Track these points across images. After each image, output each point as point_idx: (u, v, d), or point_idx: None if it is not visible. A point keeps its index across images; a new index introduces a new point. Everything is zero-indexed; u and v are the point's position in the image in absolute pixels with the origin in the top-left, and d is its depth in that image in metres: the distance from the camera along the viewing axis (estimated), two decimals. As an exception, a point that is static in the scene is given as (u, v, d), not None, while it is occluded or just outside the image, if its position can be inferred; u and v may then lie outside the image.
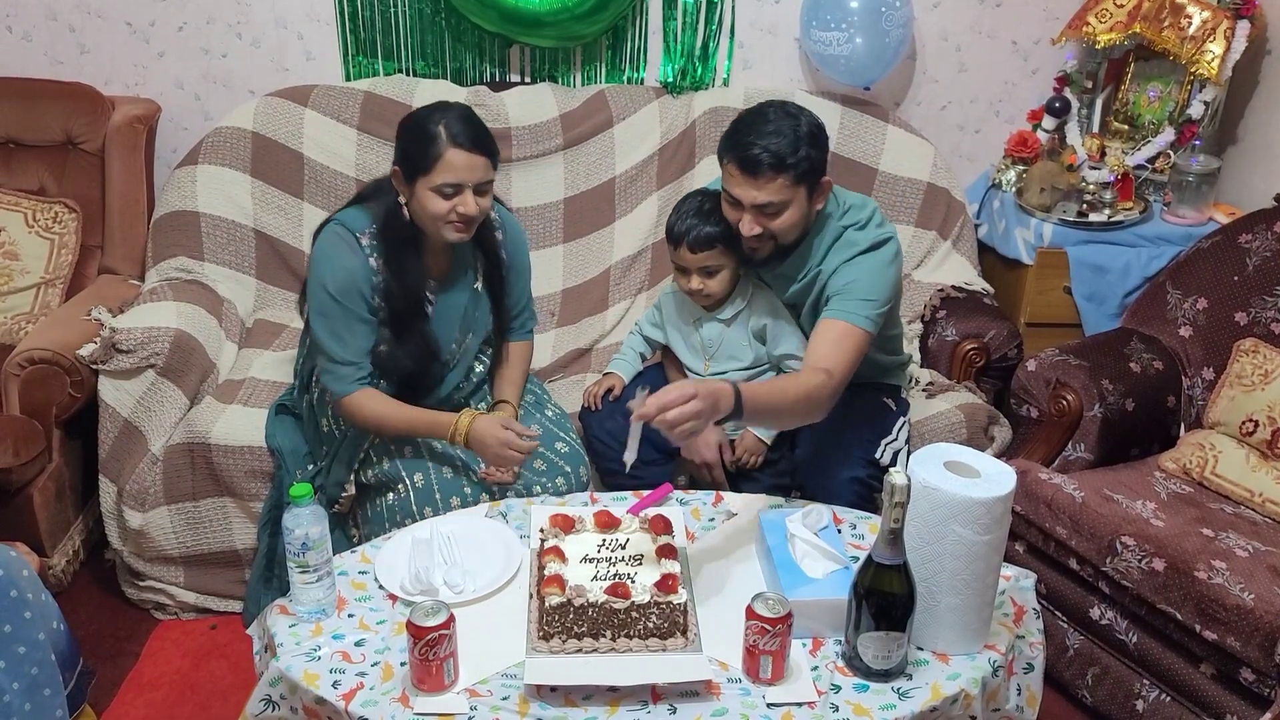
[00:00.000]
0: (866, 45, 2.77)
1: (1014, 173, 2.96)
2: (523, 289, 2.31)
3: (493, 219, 2.19)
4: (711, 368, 2.24)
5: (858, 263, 2.05)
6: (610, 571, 1.71)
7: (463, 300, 2.18)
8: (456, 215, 1.99)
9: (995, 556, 1.61)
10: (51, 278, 2.69)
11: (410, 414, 2.12)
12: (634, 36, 2.95)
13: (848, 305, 2.01)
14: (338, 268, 2.04)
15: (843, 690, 1.59)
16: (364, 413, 2.09)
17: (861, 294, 2.02)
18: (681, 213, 2.16)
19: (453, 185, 1.97)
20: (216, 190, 2.74)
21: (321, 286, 2.04)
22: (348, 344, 2.07)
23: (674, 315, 2.31)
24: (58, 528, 2.47)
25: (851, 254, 2.06)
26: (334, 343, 2.06)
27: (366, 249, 2.05)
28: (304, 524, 1.64)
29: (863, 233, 2.08)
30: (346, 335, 2.06)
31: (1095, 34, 2.82)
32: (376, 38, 2.91)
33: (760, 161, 1.94)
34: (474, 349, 2.24)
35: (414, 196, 2.01)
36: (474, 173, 1.98)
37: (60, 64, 2.94)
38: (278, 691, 1.62)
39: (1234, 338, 2.38)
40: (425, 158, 1.96)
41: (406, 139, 2.01)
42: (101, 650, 2.33)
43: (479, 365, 2.28)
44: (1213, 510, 2.16)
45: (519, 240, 2.28)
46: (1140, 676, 2.10)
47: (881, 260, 2.06)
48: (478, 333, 2.24)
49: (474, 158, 1.97)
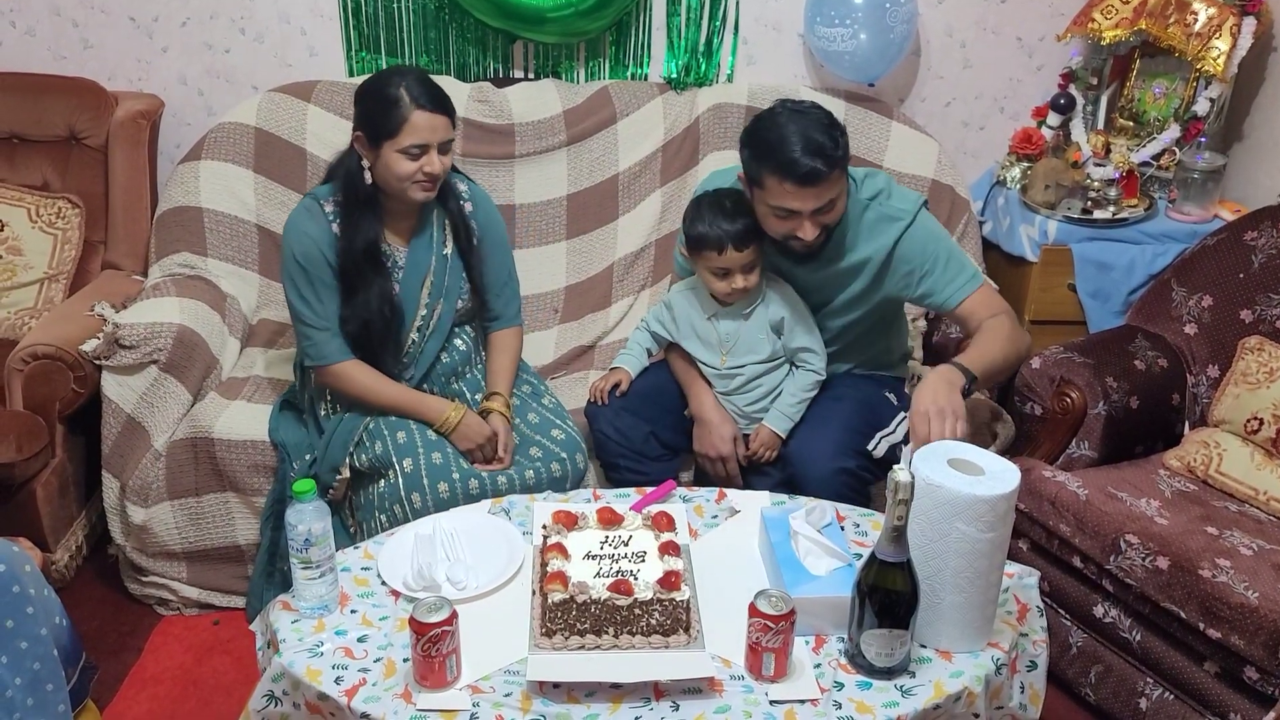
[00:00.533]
0: (871, 41, 2.76)
1: (1019, 169, 2.96)
2: (501, 263, 2.34)
3: (460, 190, 2.27)
4: (729, 361, 2.25)
5: (919, 240, 2.12)
6: (613, 568, 1.71)
7: (428, 262, 2.23)
8: (423, 175, 2.08)
9: (999, 554, 1.61)
10: (55, 273, 2.69)
11: (401, 391, 2.20)
12: (637, 32, 2.95)
13: (958, 280, 2.12)
14: (301, 234, 2.13)
15: (845, 688, 1.58)
16: (353, 383, 2.18)
17: (954, 264, 2.13)
18: (706, 219, 2.13)
19: (419, 146, 2.05)
20: (220, 186, 2.74)
21: (290, 255, 2.14)
22: (317, 310, 2.15)
23: (687, 312, 2.30)
24: (61, 523, 2.48)
25: (900, 229, 2.12)
26: (304, 308, 2.15)
27: (329, 214, 2.14)
28: (307, 520, 1.64)
29: (892, 202, 2.14)
30: (314, 301, 2.14)
31: (1100, 30, 2.81)
32: (380, 33, 2.91)
33: (818, 172, 1.96)
34: (448, 317, 2.26)
35: (379, 160, 2.09)
36: (437, 132, 2.06)
37: (64, 59, 2.94)
38: (280, 687, 1.62)
39: (1239, 335, 2.37)
40: (389, 120, 2.04)
41: (368, 103, 2.09)
42: (104, 645, 2.33)
43: (460, 341, 2.30)
44: (1217, 508, 2.16)
45: (491, 213, 2.34)
46: (1144, 675, 2.09)
47: (932, 227, 2.16)
48: (450, 299, 2.26)
49: (436, 117, 2.06)
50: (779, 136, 1.98)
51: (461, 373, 2.30)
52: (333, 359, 2.17)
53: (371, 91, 2.09)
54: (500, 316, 2.35)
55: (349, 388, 2.18)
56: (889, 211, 2.13)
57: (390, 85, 2.06)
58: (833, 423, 2.17)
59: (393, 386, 2.19)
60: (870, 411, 2.22)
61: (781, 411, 2.23)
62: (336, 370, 2.17)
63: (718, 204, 2.15)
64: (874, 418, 2.22)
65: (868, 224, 2.14)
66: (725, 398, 2.28)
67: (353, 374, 2.17)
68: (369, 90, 2.10)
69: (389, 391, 2.18)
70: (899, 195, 2.16)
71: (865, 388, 2.28)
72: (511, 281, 2.36)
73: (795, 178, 1.96)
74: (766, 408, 2.25)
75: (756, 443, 2.24)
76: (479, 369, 2.34)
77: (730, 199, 2.15)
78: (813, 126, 1.97)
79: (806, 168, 1.94)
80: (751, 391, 2.26)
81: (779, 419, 2.23)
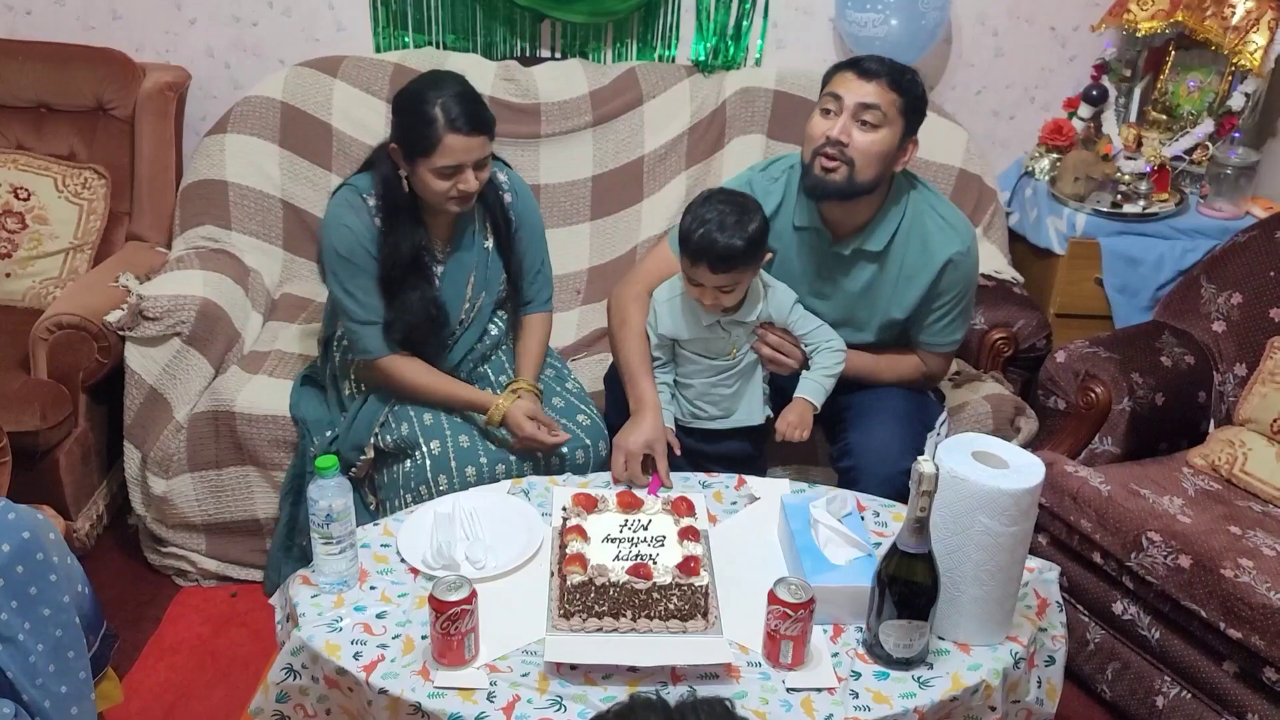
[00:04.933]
0: (902, 27, 2.73)
1: (1048, 161, 2.93)
2: (536, 251, 2.31)
3: (501, 181, 2.23)
4: (738, 354, 2.18)
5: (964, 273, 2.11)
6: (632, 552, 1.71)
7: (471, 260, 2.21)
8: (457, 192, 2.04)
9: (1020, 548, 1.60)
10: (80, 243, 2.70)
11: (452, 386, 2.17)
12: (666, 14, 2.92)
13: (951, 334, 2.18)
14: (342, 228, 2.09)
15: (863, 677, 1.58)
16: (403, 377, 2.14)
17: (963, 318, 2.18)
18: (700, 219, 1.96)
19: (452, 167, 2.01)
20: (245, 160, 2.74)
21: (332, 249, 2.10)
22: (363, 303, 2.11)
23: (682, 321, 2.11)
24: (83, 492, 2.49)
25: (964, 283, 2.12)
26: (350, 303, 2.11)
27: (372, 209, 2.10)
28: (329, 496, 1.64)
29: (956, 233, 2.09)
30: (360, 294, 2.11)
31: (1136, 21, 2.77)
32: (407, 9, 2.90)
33: (879, 71, 1.97)
34: (487, 309, 2.25)
35: (414, 173, 2.05)
36: (472, 153, 2.01)
37: (93, 29, 2.93)
38: (299, 661, 1.63)
39: (1268, 334, 2.34)
40: (424, 140, 1.99)
41: (404, 118, 2.04)
42: (123, 614, 2.35)
43: (493, 328, 2.29)
44: (1241, 508, 2.14)
45: (529, 201, 2.31)
46: (1161, 673, 2.08)
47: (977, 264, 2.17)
48: (491, 292, 2.25)
49: (471, 139, 2.00)
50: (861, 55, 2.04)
51: (488, 356, 2.30)
52: (381, 352, 2.13)
53: (408, 106, 2.02)
54: (532, 301, 2.33)
55: (398, 382, 2.14)
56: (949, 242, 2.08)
57: (427, 102, 1.98)
58: (893, 421, 2.10)
59: (444, 381, 2.16)
60: (922, 410, 2.19)
61: (816, 382, 2.11)
62: (385, 364, 2.14)
63: (719, 213, 1.96)
64: (924, 415, 2.19)
65: (931, 232, 2.07)
66: (729, 388, 2.15)
67: (403, 368, 2.13)
68: (405, 104, 2.03)
69: (440, 387, 2.15)
70: (962, 225, 2.11)
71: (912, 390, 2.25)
72: (545, 268, 2.34)
73: (854, 66, 1.99)
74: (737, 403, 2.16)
75: (786, 424, 2.08)
76: (504, 351, 2.33)
77: (736, 212, 1.97)
78: (899, 64, 2.00)
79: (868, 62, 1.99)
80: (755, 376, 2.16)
81: (815, 389, 2.10)
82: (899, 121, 1.99)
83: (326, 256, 2.13)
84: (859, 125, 1.97)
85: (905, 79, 1.99)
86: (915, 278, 2.10)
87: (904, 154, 2.03)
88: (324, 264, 2.15)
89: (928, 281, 2.09)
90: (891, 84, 1.97)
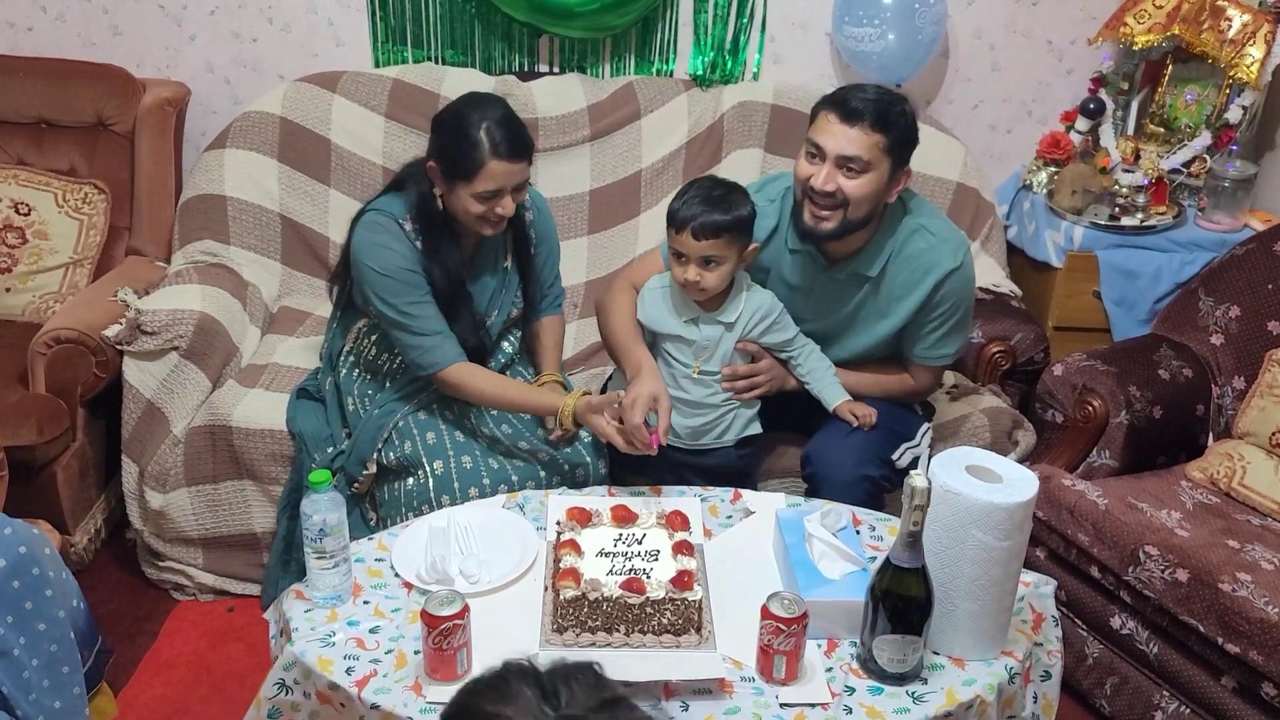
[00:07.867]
0: (899, 42, 2.74)
1: (1045, 174, 2.93)
2: (552, 266, 2.34)
3: (523, 199, 2.21)
4: (703, 368, 2.14)
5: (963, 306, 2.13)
6: (626, 566, 1.71)
7: (492, 282, 2.22)
8: (494, 215, 2.04)
9: (1015, 563, 1.60)
10: (80, 258, 2.71)
11: (524, 389, 2.17)
12: (664, 28, 2.94)
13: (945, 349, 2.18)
14: (381, 249, 2.07)
15: (857, 692, 1.58)
16: (474, 383, 2.11)
17: (959, 333, 2.17)
18: (688, 196, 2.02)
19: (492, 191, 2.01)
20: (244, 174, 2.75)
21: (375, 273, 2.07)
22: (421, 319, 2.09)
23: (664, 310, 2.14)
24: (80, 506, 2.50)
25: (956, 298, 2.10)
26: (407, 318, 2.08)
27: (410, 233, 2.08)
28: (322, 510, 1.64)
29: (948, 247, 2.08)
30: (420, 309, 2.08)
31: (1133, 35, 2.77)
32: (406, 25, 2.91)
33: (863, 111, 1.93)
34: (498, 327, 2.26)
35: (451, 194, 2.04)
36: (513, 178, 2.02)
37: (93, 45, 2.95)
38: (292, 676, 1.62)
39: (1266, 347, 2.34)
40: (466, 164, 1.98)
41: (446, 138, 2.02)
42: (120, 629, 2.35)
43: (507, 345, 2.30)
44: (1239, 521, 2.13)
45: (548, 219, 2.32)
46: (1160, 688, 2.07)
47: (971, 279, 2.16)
48: (504, 311, 2.25)
49: (514, 165, 2.01)
50: (851, 87, 2.01)
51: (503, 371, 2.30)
52: (448, 361, 2.09)
53: (451, 126, 2.01)
54: (547, 306, 2.36)
55: (467, 390, 2.11)
56: (941, 262, 2.07)
57: (471, 125, 1.97)
58: (858, 430, 2.13)
59: (514, 386, 2.16)
60: (897, 421, 2.19)
61: (829, 384, 2.16)
62: (453, 374, 2.09)
63: (708, 187, 2.04)
64: (900, 427, 2.19)
65: (919, 254, 2.07)
66: (689, 408, 2.15)
67: (475, 374, 2.11)
68: (449, 124, 2.02)
69: (510, 393, 2.14)
70: (954, 242, 2.10)
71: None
72: (558, 281, 2.36)
73: (839, 108, 1.97)
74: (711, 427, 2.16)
75: (865, 413, 2.12)
76: (520, 365, 2.33)
77: (723, 188, 2.03)
78: (888, 96, 1.98)
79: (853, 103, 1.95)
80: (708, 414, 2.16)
81: (836, 390, 2.15)
82: (885, 161, 1.97)
83: (370, 280, 2.07)
84: (844, 173, 1.97)
85: (893, 112, 1.95)
86: (907, 297, 2.10)
87: (897, 184, 2.03)
88: (370, 291, 2.08)
89: (920, 299, 2.09)
90: (875, 124, 1.93)
